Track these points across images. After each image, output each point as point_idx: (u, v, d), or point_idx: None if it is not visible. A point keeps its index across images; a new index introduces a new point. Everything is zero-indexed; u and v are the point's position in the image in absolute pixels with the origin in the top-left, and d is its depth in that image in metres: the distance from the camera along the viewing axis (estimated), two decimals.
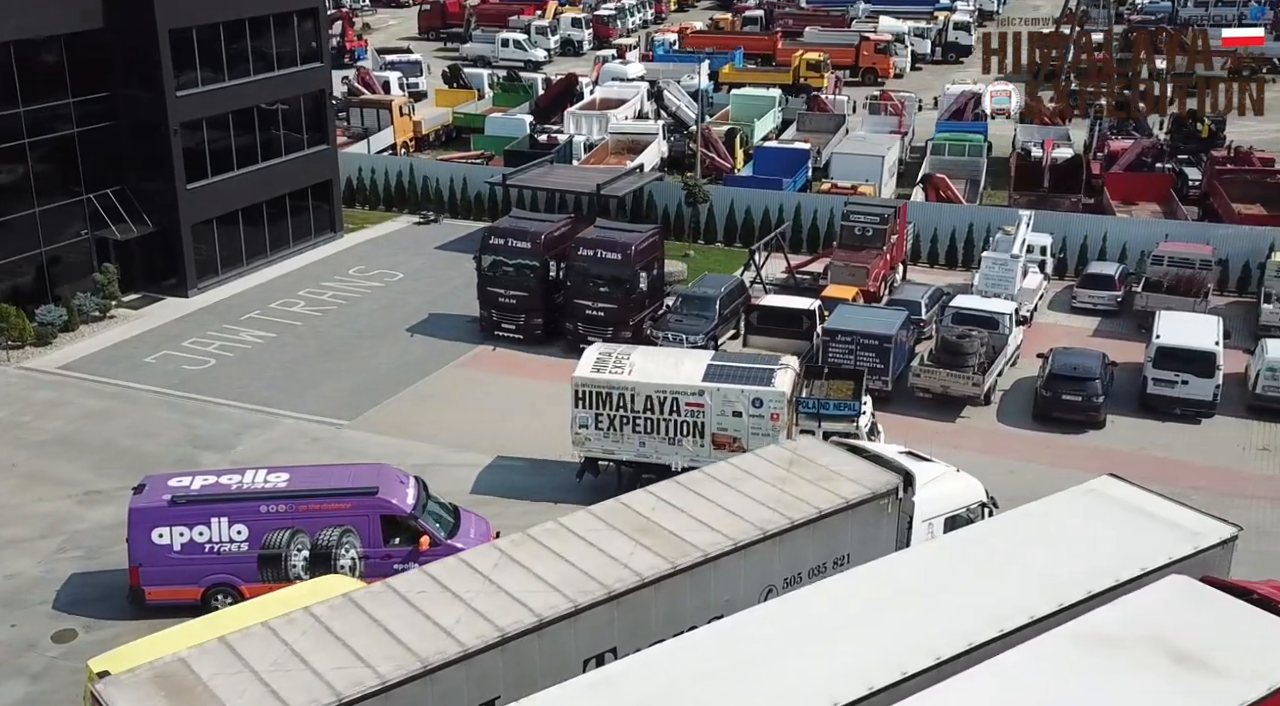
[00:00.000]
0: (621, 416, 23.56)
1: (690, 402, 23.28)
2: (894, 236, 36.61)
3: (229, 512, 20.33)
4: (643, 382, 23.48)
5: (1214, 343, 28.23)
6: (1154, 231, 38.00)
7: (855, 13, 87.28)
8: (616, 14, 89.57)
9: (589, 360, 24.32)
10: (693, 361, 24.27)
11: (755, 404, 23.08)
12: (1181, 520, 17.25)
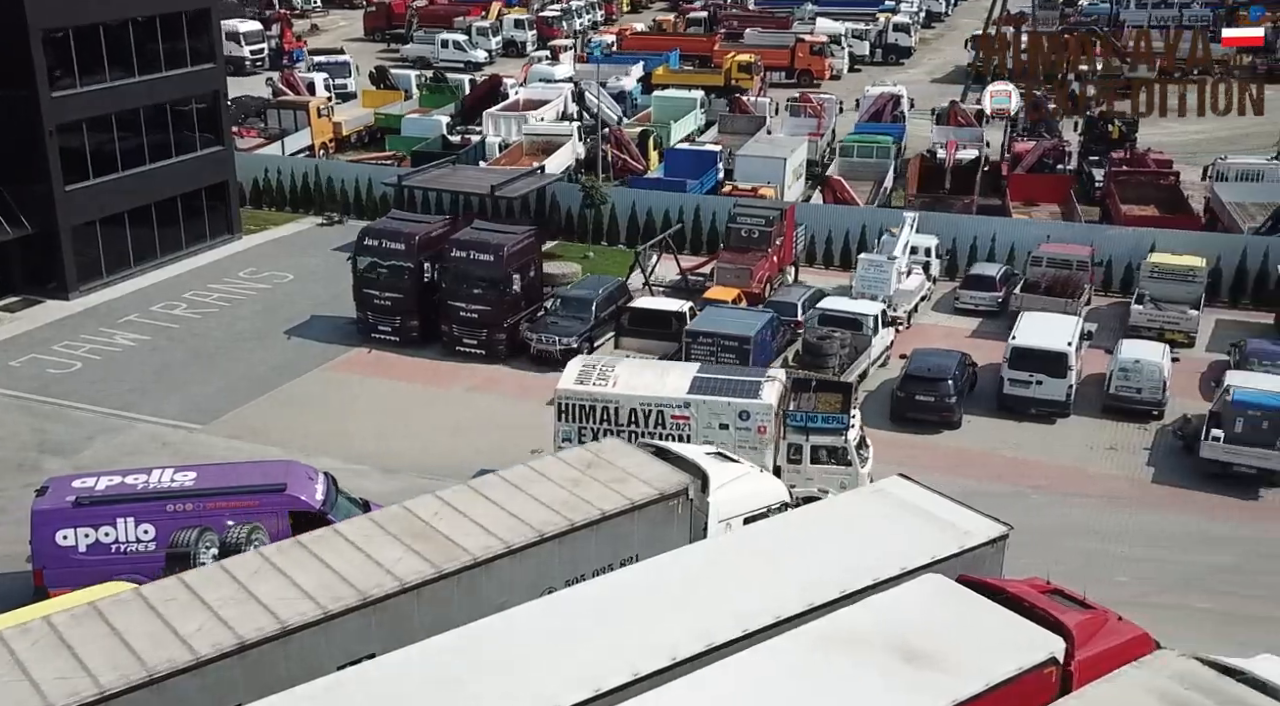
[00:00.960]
0: (605, 430, 22.84)
1: (676, 415, 22.85)
2: (780, 239, 36.90)
3: (135, 512, 20.24)
4: (627, 395, 23.00)
5: (1066, 343, 28.57)
6: (1041, 232, 38.38)
7: (801, 14, 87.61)
8: (562, 15, 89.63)
9: (572, 372, 23.87)
10: (678, 373, 23.89)
11: (742, 416, 22.73)
12: (956, 520, 17.52)
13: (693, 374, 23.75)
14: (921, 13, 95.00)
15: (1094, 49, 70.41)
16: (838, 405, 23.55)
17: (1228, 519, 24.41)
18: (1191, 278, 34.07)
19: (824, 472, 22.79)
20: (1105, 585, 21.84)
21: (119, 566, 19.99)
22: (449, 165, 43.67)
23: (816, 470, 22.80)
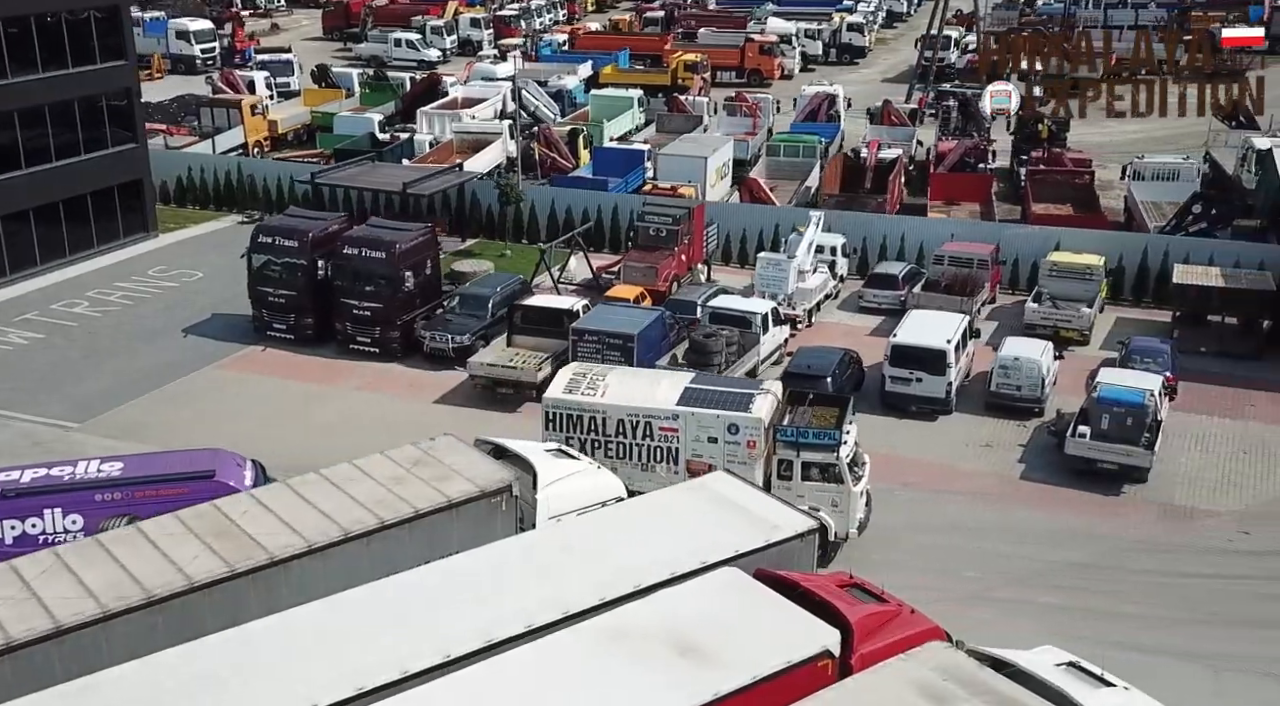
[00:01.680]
0: (593, 440, 22.53)
1: (664, 427, 22.35)
2: (689, 238, 37.01)
3: (62, 503, 20.24)
4: (615, 405, 22.54)
5: (945, 341, 28.70)
6: (949, 231, 38.56)
7: (760, 14, 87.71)
8: (521, 14, 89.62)
9: (561, 380, 23.36)
10: (669, 384, 23.29)
11: (731, 430, 22.10)
12: (769, 515, 17.65)
13: (684, 384, 23.15)
14: (880, 13, 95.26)
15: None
16: (832, 420, 22.77)
17: (1089, 515, 24.54)
18: (1089, 276, 34.29)
19: (815, 490, 22.01)
20: (953, 579, 22.26)
21: None
22: (368, 162, 43.70)
23: (808, 487, 22.02)
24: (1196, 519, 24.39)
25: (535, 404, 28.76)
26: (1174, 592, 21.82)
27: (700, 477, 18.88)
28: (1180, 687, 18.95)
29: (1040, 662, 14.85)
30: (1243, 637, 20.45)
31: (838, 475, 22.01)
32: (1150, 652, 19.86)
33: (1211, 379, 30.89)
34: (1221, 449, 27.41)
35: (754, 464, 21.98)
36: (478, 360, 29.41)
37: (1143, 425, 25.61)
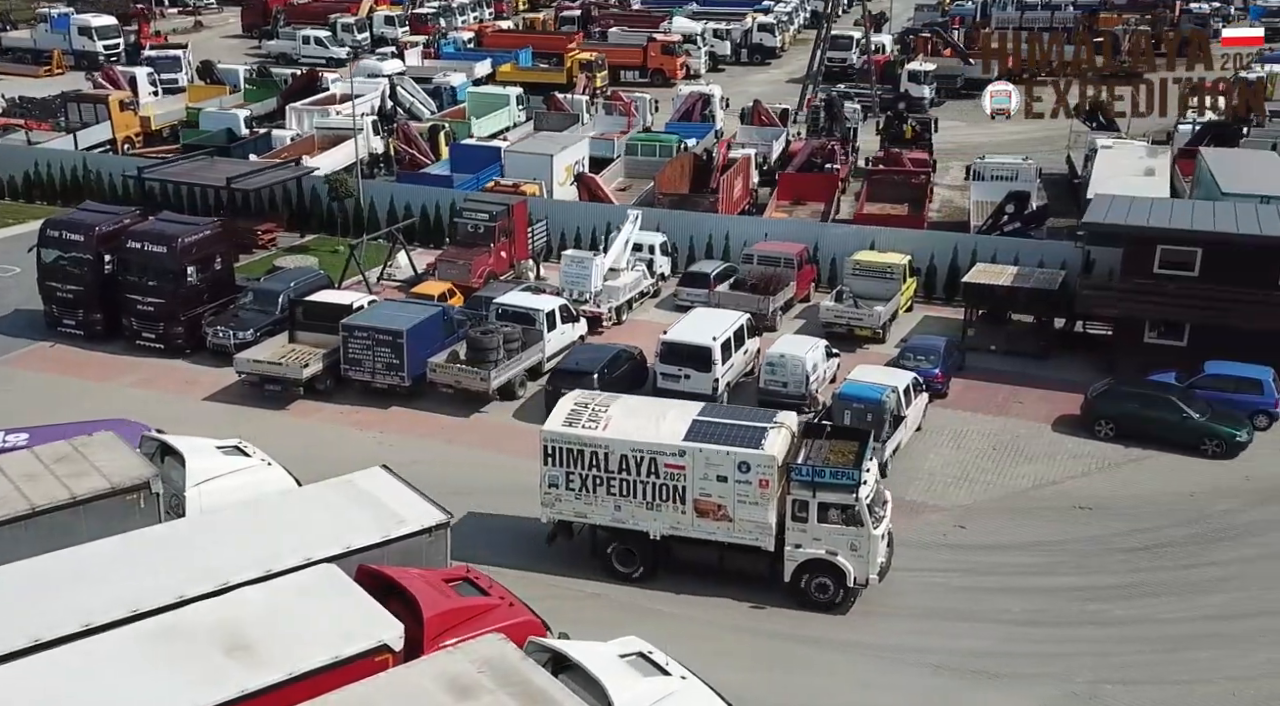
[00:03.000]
0: (595, 476, 21.23)
1: (670, 464, 20.91)
2: (509, 235, 37.06)
3: None
4: (617, 440, 21.08)
5: (712, 338, 28.80)
6: (774, 231, 38.72)
7: (682, 13, 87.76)
8: (440, 12, 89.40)
9: (562, 411, 21.89)
10: (676, 416, 21.77)
11: (742, 468, 20.65)
12: (402, 511, 17.70)
13: (692, 417, 21.67)
14: (802, 13, 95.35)
15: (934, 49, 71.72)
16: (851, 456, 21.21)
17: None
18: (889, 275, 34.50)
19: (833, 533, 20.55)
20: None
21: None
22: (205, 158, 43.57)
23: (825, 530, 20.58)
24: (921, 514, 24.55)
25: (306, 402, 28.93)
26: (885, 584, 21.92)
27: (357, 472, 18.88)
28: (838, 677, 19.20)
29: (602, 653, 14.92)
30: (912, 629, 20.62)
31: (857, 517, 20.47)
32: (813, 644, 20.06)
33: (993, 377, 31.16)
34: (974, 445, 27.62)
35: (767, 504, 20.69)
36: (245, 357, 29.34)
37: (882, 421, 25.75)
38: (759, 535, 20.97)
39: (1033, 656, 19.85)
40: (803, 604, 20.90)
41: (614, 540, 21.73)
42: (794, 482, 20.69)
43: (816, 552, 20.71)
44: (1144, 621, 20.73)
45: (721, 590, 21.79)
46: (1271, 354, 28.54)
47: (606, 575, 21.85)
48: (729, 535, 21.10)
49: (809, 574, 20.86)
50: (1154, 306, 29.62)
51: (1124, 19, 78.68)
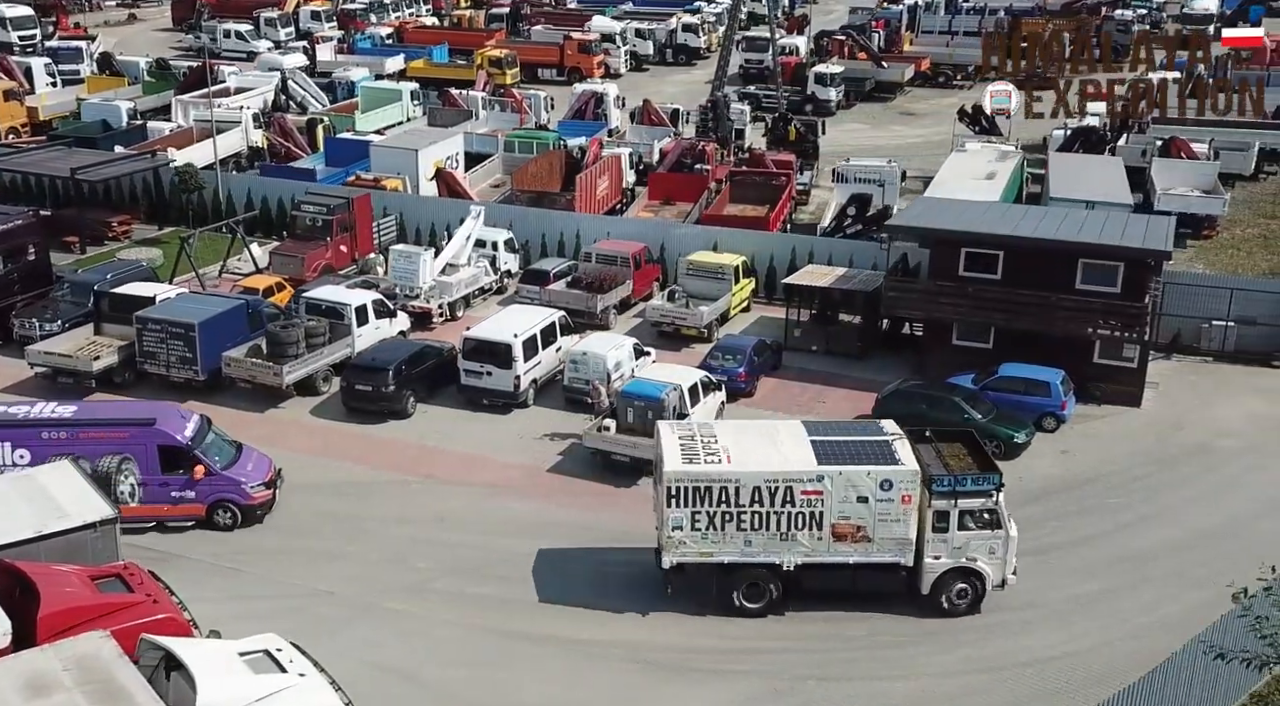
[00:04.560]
0: (724, 513, 20.26)
1: (808, 491, 20.22)
2: (349, 229, 36.88)
3: (11, 437, 22.07)
4: (749, 473, 20.27)
5: (514, 335, 28.70)
6: (621, 230, 38.69)
7: (616, 12, 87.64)
8: (369, 8, 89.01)
9: (674, 449, 20.78)
10: (791, 439, 21.17)
11: (884, 486, 20.16)
12: (70, 507, 17.55)
13: (808, 438, 21.13)
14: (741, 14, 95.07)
15: (850, 52, 71.84)
16: (965, 459, 21.34)
17: (582, 506, 24.62)
18: (720, 275, 34.49)
19: (973, 539, 20.49)
20: (399, 570, 22.23)
21: None
22: (61, 148, 43.23)
23: (965, 537, 20.47)
24: None
25: (102, 394, 28.61)
26: (612, 581, 21.89)
27: (39, 466, 18.71)
28: (544, 673, 19.14)
29: (220, 651, 14.77)
30: (637, 626, 20.57)
31: (997, 520, 20.54)
32: (521, 639, 20.00)
33: (806, 377, 31.26)
34: None
35: (909, 520, 20.30)
36: (37, 348, 29.08)
37: (662, 418, 25.59)
38: (900, 552, 20.56)
39: (744, 652, 19.86)
40: (939, 612, 20.64)
41: (740, 577, 20.67)
42: (935, 495, 20.42)
43: (956, 561, 20.57)
44: (867, 619, 20.73)
45: (453, 585, 21.76)
46: (1071, 357, 28.68)
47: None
48: (866, 555, 20.57)
49: (949, 583, 20.67)
50: (957, 308, 29.68)
51: (1048, 24, 78.69)
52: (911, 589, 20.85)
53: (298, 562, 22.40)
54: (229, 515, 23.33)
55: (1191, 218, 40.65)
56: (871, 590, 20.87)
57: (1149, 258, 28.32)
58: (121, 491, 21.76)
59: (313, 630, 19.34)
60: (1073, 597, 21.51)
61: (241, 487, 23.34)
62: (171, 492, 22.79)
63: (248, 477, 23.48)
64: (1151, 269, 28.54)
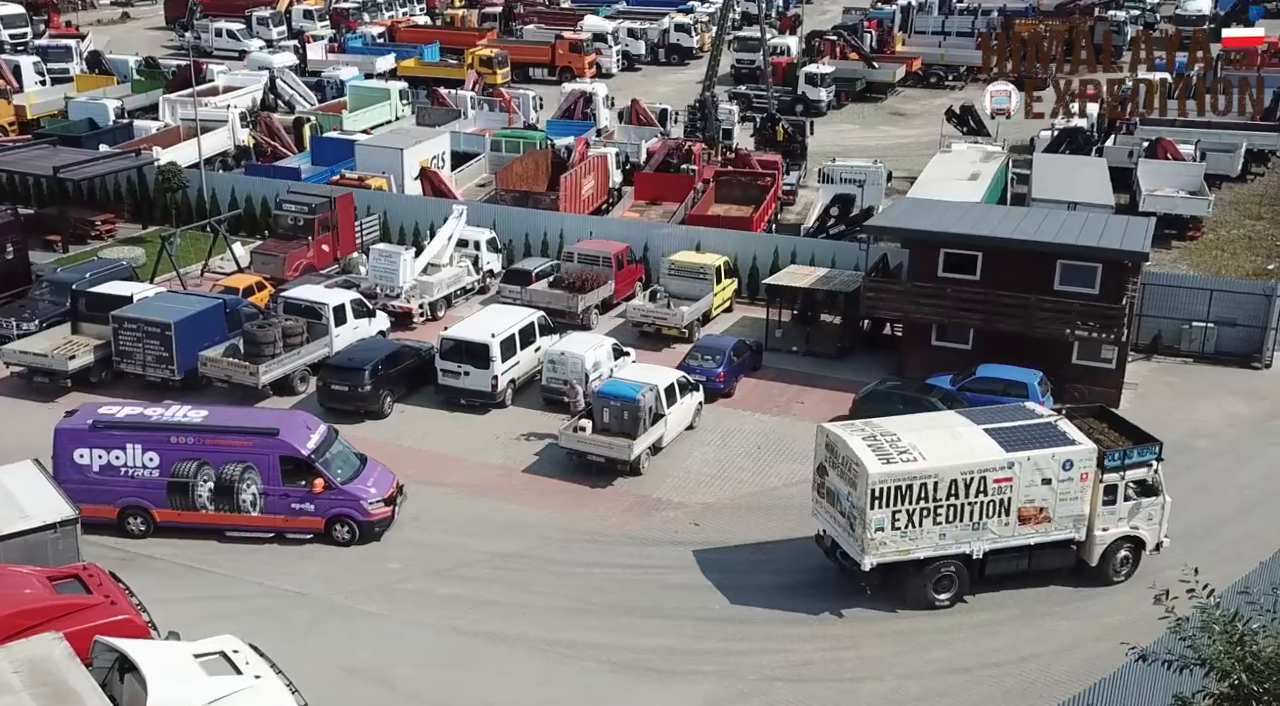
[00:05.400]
0: (923, 509, 20.58)
1: (999, 479, 20.83)
2: (331, 229, 36.81)
3: (143, 440, 22.50)
4: (947, 467, 20.62)
5: (491, 335, 28.62)
6: (603, 230, 38.63)
7: (608, 12, 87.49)
8: (362, 7, 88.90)
9: (863, 450, 20.79)
10: (967, 431, 21.69)
11: (1066, 467, 21.00)
12: (31, 506, 17.52)
13: (980, 427, 21.70)
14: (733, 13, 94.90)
15: (841, 53, 71.75)
16: (1109, 432, 22.38)
17: (556, 507, 24.56)
18: (702, 275, 34.43)
19: (1133, 509, 21.63)
20: (373, 571, 22.20)
21: (126, 488, 22.44)
22: (49, 147, 43.17)
23: (1127, 508, 21.58)
24: (661, 510, 24.52)
25: (76, 393, 28.48)
26: (575, 582, 21.87)
27: (2, 466, 18.63)
28: (513, 674, 19.09)
29: (175, 652, 14.71)
30: (607, 627, 20.51)
31: (1156, 488, 21.73)
32: (492, 640, 19.94)
33: (786, 377, 31.21)
34: (741, 444, 27.56)
35: (1084, 497, 21.17)
36: (12, 347, 29.04)
37: (637, 419, 25.67)
38: (1075, 528, 21.44)
39: (713, 653, 19.80)
40: (1099, 581, 21.62)
41: (932, 570, 20.93)
42: (1107, 470, 21.36)
43: (1122, 530, 21.64)
44: (836, 619, 20.67)
45: (423, 585, 21.69)
46: (1049, 358, 28.63)
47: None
48: (1046, 535, 21.31)
49: (1114, 552, 21.73)
50: (935, 309, 29.62)
51: (1041, 24, 78.68)
52: (1080, 563, 21.77)
53: (268, 563, 22.33)
54: (347, 530, 22.96)
55: (1177, 219, 40.65)
56: (1047, 568, 21.61)
57: (1126, 259, 28.26)
58: (244, 500, 22.27)
59: (281, 631, 19.36)
60: (1044, 597, 21.44)
61: (360, 503, 22.96)
62: (291, 504, 22.71)
63: (367, 494, 23.07)
64: (1129, 270, 28.49)
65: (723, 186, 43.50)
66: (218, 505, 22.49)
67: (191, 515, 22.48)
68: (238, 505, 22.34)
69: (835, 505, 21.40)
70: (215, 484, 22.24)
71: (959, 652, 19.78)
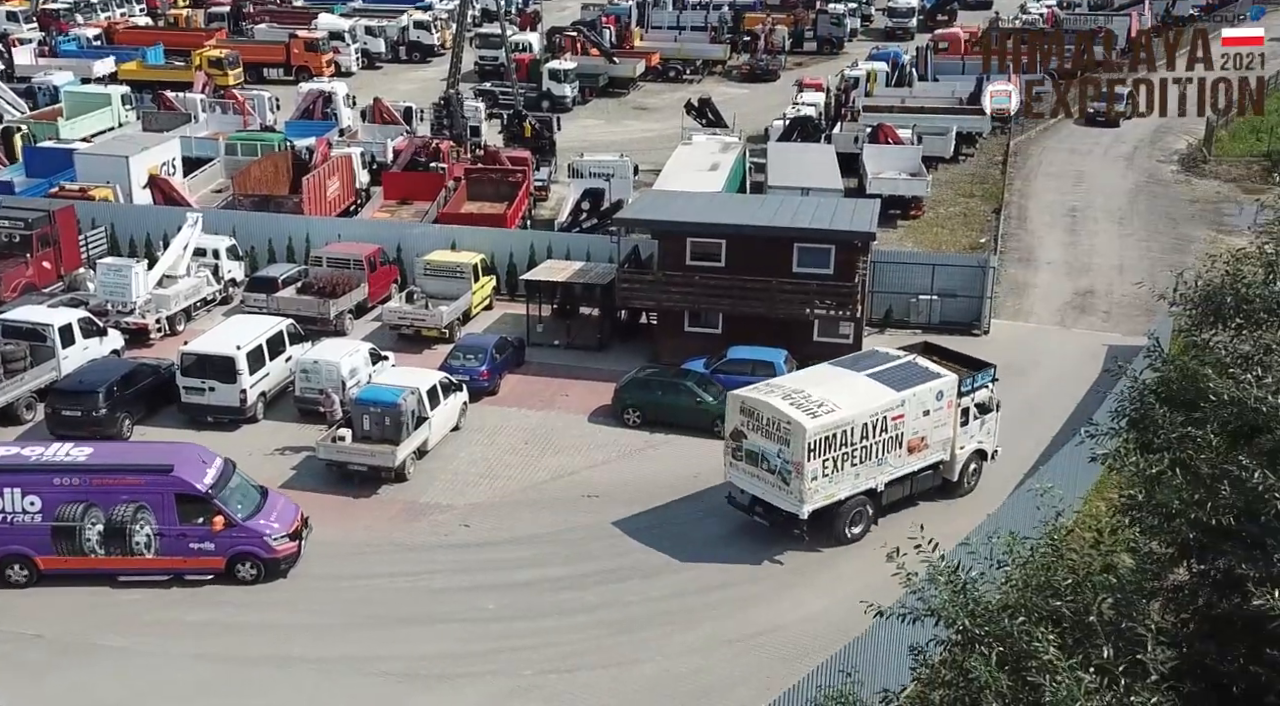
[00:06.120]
0: (844, 454, 22.48)
1: (895, 416, 23.12)
2: (48, 245, 34.21)
3: (22, 483, 20.96)
4: (860, 412, 22.71)
5: (236, 347, 27.48)
6: (353, 232, 37.74)
7: (345, 10, 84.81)
8: (73, 8, 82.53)
9: (790, 408, 22.36)
10: (854, 379, 23.78)
11: (938, 397, 23.78)
12: None
13: (863, 374, 23.91)
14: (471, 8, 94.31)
15: (583, 48, 72.71)
16: (942, 362, 24.95)
17: (318, 522, 23.58)
18: (459, 274, 34.22)
19: (978, 427, 24.79)
20: (111, 604, 21.00)
21: (5, 536, 20.95)
22: None
23: (975, 426, 24.66)
24: (429, 515, 24.31)
25: None
26: (342, 597, 21.43)
27: None
28: (276, 698, 18.43)
29: None
30: (378, 639, 20.19)
31: (991, 405, 25.00)
32: (260, 665, 19.25)
33: (550, 371, 31.44)
34: (508, 441, 27.64)
35: (949, 421, 23.89)
36: None
37: (400, 424, 25.27)
38: (944, 450, 24.21)
39: (488, 654, 19.80)
40: (953, 494, 24.65)
41: (848, 508, 22.92)
42: (963, 394, 24.27)
43: (974, 445, 24.80)
44: (609, 605, 21.15)
45: (168, 614, 20.66)
46: (794, 337, 30.12)
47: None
48: (924, 460, 24.01)
49: (969, 466, 24.84)
50: (686, 296, 30.63)
51: (767, 19, 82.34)
52: (945, 482, 24.56)
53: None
54: (251, 568, 21.59)
55: (900, 200, 43.53)
56: (922, 490, 24.26)
57: (856, 239, 30.10)
58: (137, 542, 21.04)
59: (12, 678, 17.97)
60: (798, 568, 22.51)
61: (264, 539, 21.61)
62: (189, 544, 21.30)
63: (270, 529, 21.75)
64: (859, 249, 30.35)
65: (474, 184, 43.30)
66: (108, 549, 21.08)
67: (80, 560, 21.08)
68: (130, 548, 21.01)
69: (760, 465, 22.85)
70: (105, 526, 20.75)
71: (723, 627, 20.48)
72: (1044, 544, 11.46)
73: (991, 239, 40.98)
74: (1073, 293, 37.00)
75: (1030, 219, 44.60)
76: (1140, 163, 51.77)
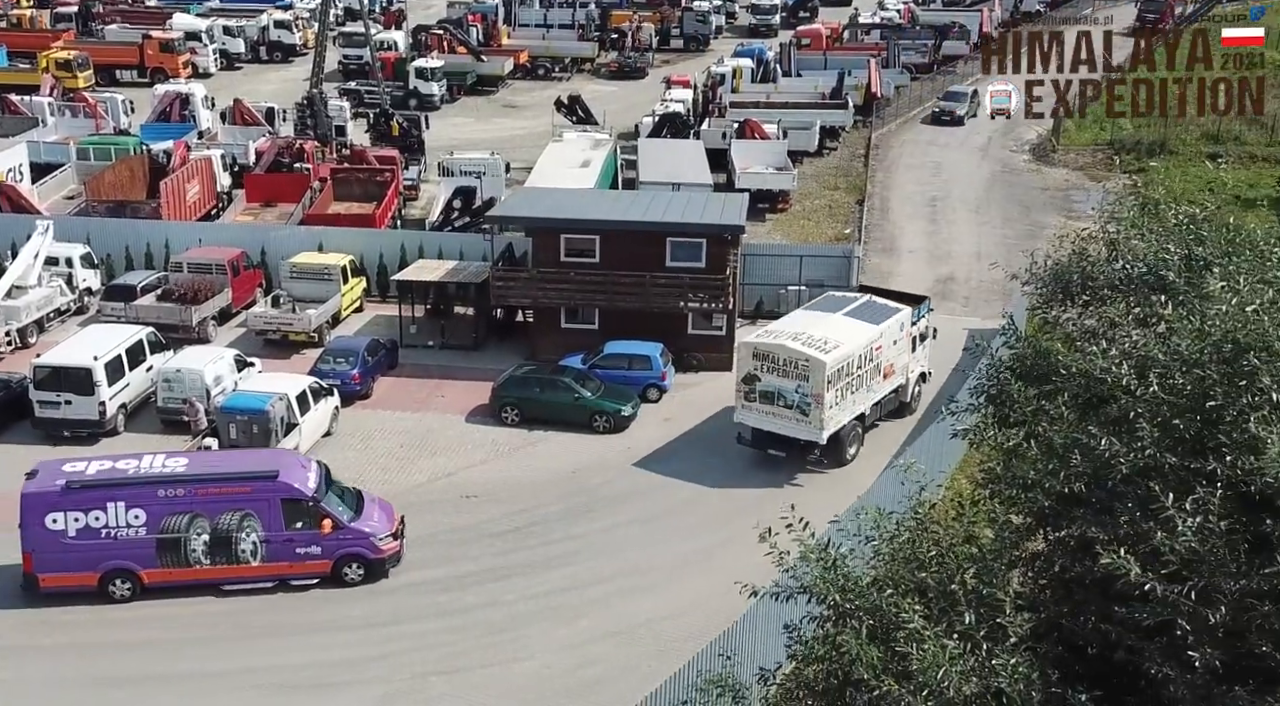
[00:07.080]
0: (847, 383, 25.19)
1: (878, 347, 26.05)
2: None
3: (126, 497, 20.61)
4: (857, 344, 25.43)
5: (93, 357, 26.43)
6: (214, 235, 36.64)
7: (200, 10, 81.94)
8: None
9: (805, 348, 24.80)
10: (838, 319, 26.25)
11: (901, 328, 26.85)
12: None
13: (840, 314, 26.41)
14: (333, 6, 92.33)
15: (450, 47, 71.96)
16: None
17: None
18: (327, 276, 33.53)
19: (923, 351, 28.25)
20: None
21: (109, 551, 20.60)
22: None
23: (921, 350, 28.05)
24: None
25: None
26: (209, 610, 20.89)
27: None
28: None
29: None
30: (248, 652, 19.72)
31: (929, 333, 28.42)
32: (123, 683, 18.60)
33: (425, 372, 31.10)
34: (383, 445, 27.26)
35: (906, 348, 27.38)
36: None
37: (268, 431, 24.66)
38: (903, 374, 27.52)
39: (364, 660, 19.47)
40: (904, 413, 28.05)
41: (845, 431, 25.60)
42: (913, 324, 27.58)
43: (919, 369, 28.29)
44: (489, 605, 21.01)
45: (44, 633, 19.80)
46: (668, 331, 30.39)
47: None
48: (891, 384, 27.01)
49: (915, 387, 28.36)
50: (561, 293, 30.62)
51: (634, 16, 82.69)
52: (901, 403, 27.63)
53: None
54: (358, 569, 21.42)
55: (768, 193, 44.24)
56: (887, 410, 27.16)
57: (726, 233, 30.54)
58: (243, 550, 20.79)
59: None
60: (681, 557, 22.73)
61: (371, 540, 21.52)
62: (296, 549, 21.08)
63: (376, 529, 21.70)
64: (729, 243, 30.80)
65: (341, 184, 42.47)
66: (214, 558, 20.83)
67: (185, 572, 20.87)
68: (236, 556, 20.75)
69: (776, 402, 25.11)
70: (211, 535, 20.49)
71: (603, 620, 20.54)
72: (909, 518, 11.82)
73: (856, 230, 42.05)
74: (934, 279, 38.19)
75: (892, 209, 45.88)
76: (994, 153, 53.71)
